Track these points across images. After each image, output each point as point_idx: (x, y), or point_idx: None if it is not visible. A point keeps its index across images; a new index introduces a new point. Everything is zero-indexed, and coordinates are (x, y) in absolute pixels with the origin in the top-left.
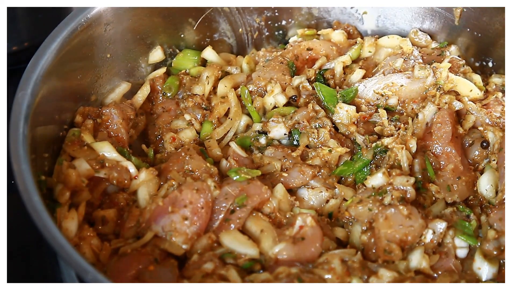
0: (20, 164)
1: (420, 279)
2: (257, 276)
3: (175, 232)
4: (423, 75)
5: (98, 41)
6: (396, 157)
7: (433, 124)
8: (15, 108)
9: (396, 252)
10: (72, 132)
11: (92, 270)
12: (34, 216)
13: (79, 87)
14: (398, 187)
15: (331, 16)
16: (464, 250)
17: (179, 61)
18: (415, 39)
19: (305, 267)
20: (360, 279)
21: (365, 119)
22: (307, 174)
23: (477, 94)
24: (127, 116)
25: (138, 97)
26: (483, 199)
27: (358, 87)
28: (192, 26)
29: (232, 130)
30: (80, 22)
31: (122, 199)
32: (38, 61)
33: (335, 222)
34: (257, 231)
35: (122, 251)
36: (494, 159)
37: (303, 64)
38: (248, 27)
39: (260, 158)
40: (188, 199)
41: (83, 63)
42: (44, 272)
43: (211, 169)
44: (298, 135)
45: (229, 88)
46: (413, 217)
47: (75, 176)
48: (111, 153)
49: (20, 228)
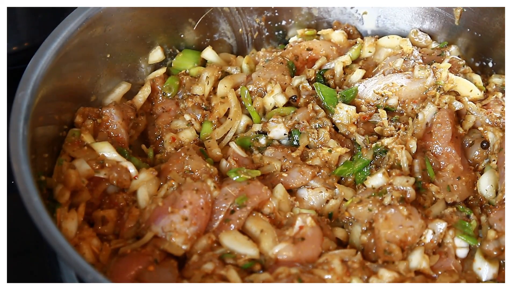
0: (20, 164)
1: (420, 279)
2: (257, 276)
3: (174, 232)
4: (423, 75)
5: (98, 41)
6: (396, 157)
7: (433, 124)
8: (15, 108)
9: (396, 252)
10: (72, 132)
11: (92, 270)
12: (34, 216)
13: (79, 87)
14: (398, 188)
15: (331, 16)
16: (464, 250)
17: (179, 61)
18: (415, 39)
19: (305, 267)
20: (360, 279)
21: (365, 119)
22: (307, 174)
23: (477, 94)
24: (127, 117)
25: (139, 97)
26: (483, 199)
27: (358, 87)
28: (192, 26)
29: (232, 130)
30: (80, 22)
31: (122, 200)
32: (38, 61)
33: (335, 222)
34: (257, 231)
35: (122, 252)
36: (494, 159)
37: (303, 64)
38: (248, 27)
39: (260, 158)
40: (188, 199)
41: (83, 63)
42: (44, 272)
43: (211, 169)
44: (298, 135)
45: (229, 88)
46: (413, 217)
47: (75, 176)
48: (111, 153)
49: (20, 228)
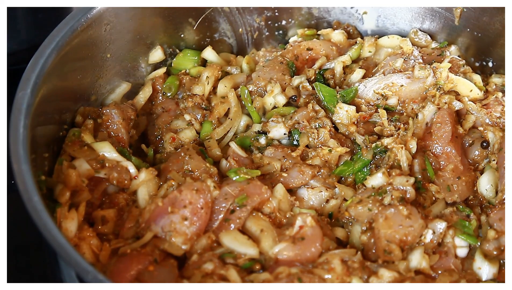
0: (20, 164)
1: (420, 279)
2: (257, 276)
3: (174, 232)
4: (423, 75)
5: (98, 41)
6: (395, 157)
7: (433, 124)
8: (15, 108)
9: (396, 252)
10: (72, 132)
11: (92, 270)
12: (34, 216)
13: (79, 87)
14: (398, 187)
15: (331, 16)
16: (464, 250)
17: (179, 61)
18: (415, 39)
19: (305, 267)
20: (360, 279)
21: (365, 119)
22: (306, 174)
23: (477, 94)
24: (128, 116)
25: (140, 98)
26: (483, 199)
27: (358, 87)
28: (192, 26)
29: (232, 130)
30: (80, 22)
31: (122, 199)
32: (38, 61)
33: (335, 222)
34: (257, 231)
35: (122, 251)
36: (494, 159)
37: (303, 64)
38: (248, 27)
39: (260, 158)
40: (188, 199)
41: (83, 63)
42: (44, 272)
43: (211, 169)
44: (298, 135)
45: (229, 88)
46: (413, 217)
47: (75, 176)
48: (111, 153)
49: (20, 228)
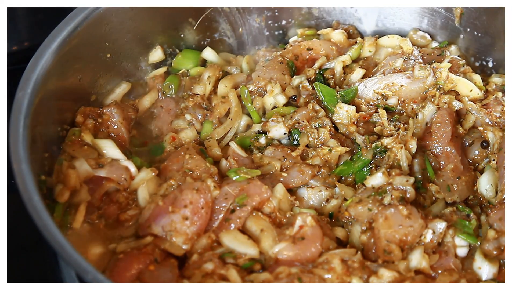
0: (20, 164)
1: (420, 279)
2: (257, 276)
3: (175, 232)
4: (423, 75)
5: (98, 41)
6: (395, 157)
7: (433, 124)
8: (15, 107)
9: (396, 252)
10: (72, 131)
11: (93, 270)
12: (34, 216)
13: (79, 87)
14: (397, 187)
15: (331, 16)
16: (464, 249)
17: (179, 61)
18: (415, 38)
19: (305, 266)
20: (360, 279)
21: (365, 119)
22: (306, 173)
23: (477, 94)
24: (128, 116)
25: (146, 101)
26: (483, 199)
27: (358, 87)
28: (192, 26)
29: (232, 130)
30: (80, 22)
31: (122, 199)
32: (38, 61)
33: (335, 222)
34: (257, 230)
35: (122, 251)
36: (494, 159)
37: (303, 64)
38: (248, 27)
39: (260, 158)
40: (188, 199)
41: (83, 63)
42: (44, 272)
43: (211, 169)
44: (298, 134)
45: (229, 88)
46: (412, 217)
47: (75, 176)
48: (113, 150)
49: (20, 228)
